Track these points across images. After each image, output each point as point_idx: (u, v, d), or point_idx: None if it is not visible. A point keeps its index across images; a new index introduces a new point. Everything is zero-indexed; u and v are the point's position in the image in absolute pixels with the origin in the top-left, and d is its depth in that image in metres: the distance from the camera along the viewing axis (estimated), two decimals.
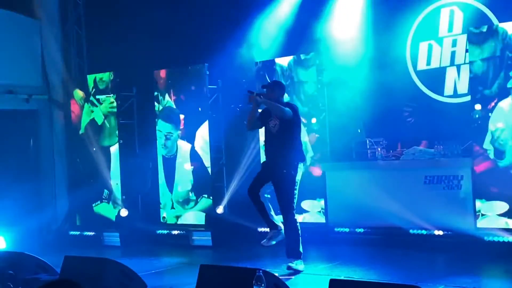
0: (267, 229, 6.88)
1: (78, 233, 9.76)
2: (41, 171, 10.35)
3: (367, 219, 7.73)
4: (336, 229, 8.03)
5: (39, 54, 10.38)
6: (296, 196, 6.76)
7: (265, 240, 6.60)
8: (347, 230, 7.96)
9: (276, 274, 4.55)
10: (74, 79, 10.38)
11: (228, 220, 8.73)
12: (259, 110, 6.68)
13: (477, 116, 7.07)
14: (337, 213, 8.03)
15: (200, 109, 8.99)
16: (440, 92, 8.13)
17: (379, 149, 7.96)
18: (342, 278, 5.73)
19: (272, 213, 6.55)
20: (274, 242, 6.57)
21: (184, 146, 9.18)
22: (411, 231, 7.48)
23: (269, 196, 6.63)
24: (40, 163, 10.38)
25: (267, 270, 4.31)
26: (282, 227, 6.52)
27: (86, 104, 9.98)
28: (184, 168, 9.18)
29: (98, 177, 9.75)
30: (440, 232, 7.29)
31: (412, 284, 3.89)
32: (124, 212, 9.42)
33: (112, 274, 5.05)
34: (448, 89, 8.07)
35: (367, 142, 8.02)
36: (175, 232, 9.06)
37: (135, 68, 9.71)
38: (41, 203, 10.15)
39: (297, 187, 6.87)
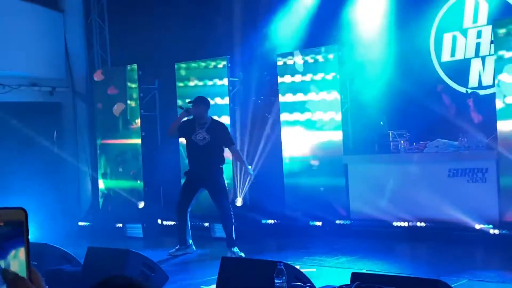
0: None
1: (100, 224, 9.82)
2: (65, 163, 10.44)
3: (389, 212, 7.66)
4: (358, 222, 7.98)
5: (63, 47, 10.46)
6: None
7: (173, 250, 7.36)
8: (369, 223, 7.90)
9: (297, 267, 4.54)
10: None
11: (249, 212, 8.72)
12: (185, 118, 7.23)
13: None
14: (359, 206, 7.98)
15: None
16: (465, 84, 8.02)
17: (402, 141, 7.87)
18: (363, 271, 5.70)
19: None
20: (180, 254, 7.31)
21: None
22: (433, 224, 7.40)
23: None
24: (64, 155, 10.47)
25: (288, 262, 4.31)
26: (192, 244, 7.41)
27: None
28: None
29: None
30: (464, 226, 7.19)
31: (435, 278, 3.86)
32: (141, 204, 9.46)
33: (134, 265, 5.09)
34: (473, 81, 7.96)
35: (390, 134, 7.94)
36: (197, 224, 9.06)
37: (157, 60, 9.74)
38: (64, 194, 10.25)
39: None
